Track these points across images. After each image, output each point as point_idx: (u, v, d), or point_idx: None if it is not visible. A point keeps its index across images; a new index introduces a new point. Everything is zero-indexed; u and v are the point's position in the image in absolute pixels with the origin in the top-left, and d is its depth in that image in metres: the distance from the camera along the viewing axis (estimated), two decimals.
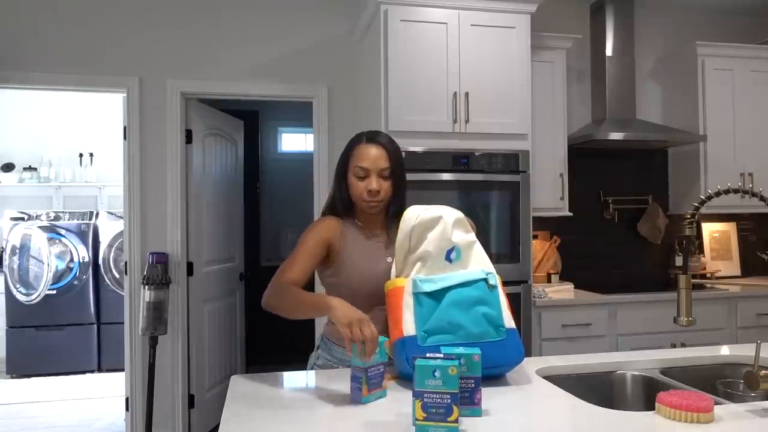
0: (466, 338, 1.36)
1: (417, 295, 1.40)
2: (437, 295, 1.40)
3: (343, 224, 1.62)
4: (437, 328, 1.36)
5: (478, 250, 1.51)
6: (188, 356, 3.27)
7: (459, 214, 1.51)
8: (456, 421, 1.06)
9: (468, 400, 1.16)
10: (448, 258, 1.45)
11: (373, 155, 1.54)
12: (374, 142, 1.57)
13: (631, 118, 3.47)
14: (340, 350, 1.60)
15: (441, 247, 1.45)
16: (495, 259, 1.58)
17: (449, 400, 1.06)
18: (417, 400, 1.07)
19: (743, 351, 1.70)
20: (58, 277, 4.72)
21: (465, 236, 1.49)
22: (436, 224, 1.45)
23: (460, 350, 1.10)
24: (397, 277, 1.48)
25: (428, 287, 1.40)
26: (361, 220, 1.64)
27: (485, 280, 1.44)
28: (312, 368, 1.66)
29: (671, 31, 3.80)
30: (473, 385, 1.16)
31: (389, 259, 1.58)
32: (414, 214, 1.46)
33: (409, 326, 1.37)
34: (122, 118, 3.19)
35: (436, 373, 1.06)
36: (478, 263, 1.49)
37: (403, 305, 1.40)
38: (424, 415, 1.06)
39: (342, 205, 1.62)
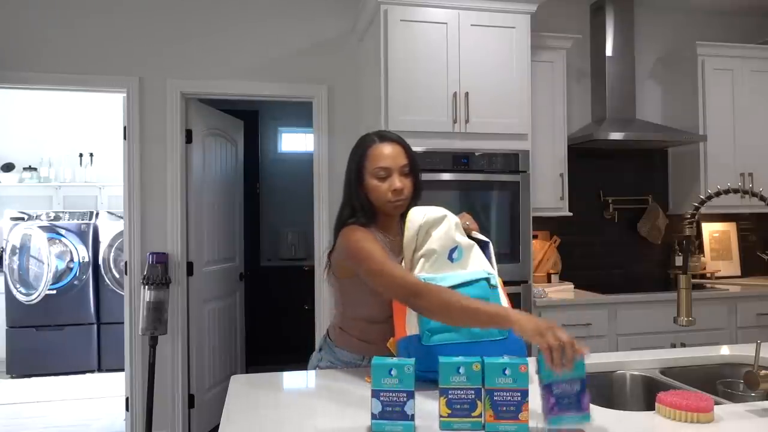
0: (468, 337, 1.36)
1: None
2: None
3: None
4: (440, 327, 1.36)
5: (478, 252, 1.52)
6: (188, 356, 3.27)
7: (458, 219, 1.53)
8: (480, 416, 1.08)
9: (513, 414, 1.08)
10: (450, 257, 1.45)
11: (392, 153, 1.48)
12: (388, 140, 1.51)
13: (631, 118, 3.47)
14: (346, 353, 1.57)
15: (445, 246, 1.45)
16: (495, 258, 1.58)
17: (473, 396, 1.08)
18: (442, 397, 1.09)
19: (743, 351, 1.70)
20: (58, 277, 4.72)
21: (464, 239, 1.51)
22: (441, 222, 1.47)
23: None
24: None
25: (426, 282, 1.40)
26: (380, 226, 1.56)
27: (487, 279, 1.44)
28: (314, 369, 1.65)
29: (671, 31, 3.80)
30: (519, 398, 1.08)
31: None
32: (420, 213, 1.47)
33: (412, 325, 1.37)
34: (122, 118, 3.18)
35: (461, 370, 1.08)
36: (479, 265, 1.49)
37: None
38: (449, 411, 1.08)
39: (363, 212, 1.50)
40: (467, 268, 1.47)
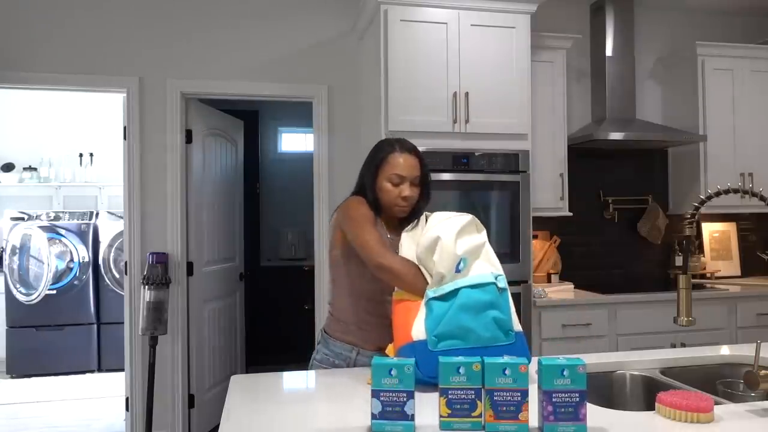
0: (476, 343, 1.35)
1: (426, 303, 1.40)
2: (446, 298, 1.39)
3: None
4: (447, 332, 1.35)
5: (488, 251, 1.50)
6: (188, 356, 3.27)
7: (464, 221, 1.47)
8: (480, 416, 1.08)
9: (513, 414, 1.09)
10: (457, 269, 1.44)
11: (409, 164, 1.64)
12: (408, 151, 1.66)
13: (631, 118, 3.47)
14: (338, 345, 1.63)
15: (450, 265, 1.42)
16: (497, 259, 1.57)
17: (473, 396, 1.08)
18: (442, 397, 1.08)
19: (743, 351, 1.70)
20: (58, 277, 4.72)
21: (471, 241, 1.46)
22: (435, 246, 1.43)
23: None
24: None
25: (435, 292, 1.40)
26: (383, 221, 1.69)
27: (495, 283, 1.43)
28: (311, 363, 1.68)
29: (671, 31, 3.80)
30: (519, 398, 1.08)
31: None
32: (413, 249, 1.49)
33: (418, 331, 1.37)
34: (122, 118, 3.19)
35: (461, 370, 1.08)
36: (487, 262, 1.48)
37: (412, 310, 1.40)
38: (449, 411, 1.08)
39: (373, 206, 1.65)
40: (471, 269, 1.46)
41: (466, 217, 1.50)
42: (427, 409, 1.16)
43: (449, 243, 1.43)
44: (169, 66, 3.19)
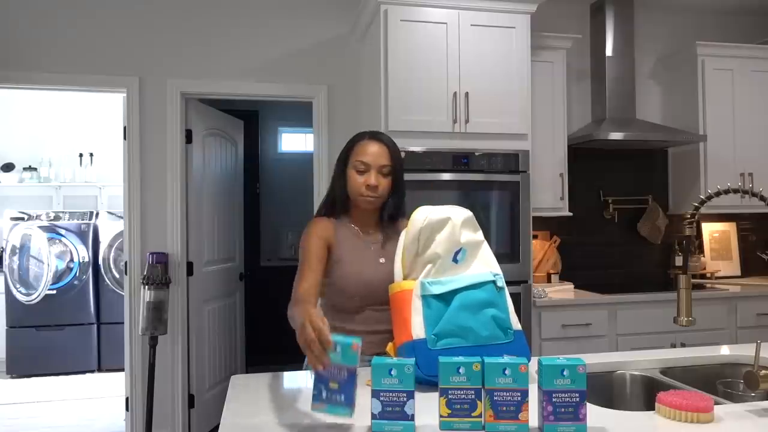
0: (475, 341, 1.35)
1: (425, 298, 1.39)
2: (446, 298, 1.39)
3: (336, 225, 1.64)
4: (447, 331, 1.35)
5: (486, 250, 1.51)
6: (188, 356, 3.27)
7: (467, 214, 1.49)
8: (480, 416, 1.08)
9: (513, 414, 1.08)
10: (454, 259, 1.44)
11: (374, 151, 1.58)
12: (376, 140, 1.60)
13: (631, 118, 3.47)
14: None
15: (449, 249, 1.43)
16: (495, 259, 1.57)
17: (473, 396, 1.08)
18: (442, 397, 1.08)
19: (743, 351, 1.70)
20: (58, 277, 4.72)
21: (473, 236, 1.48)
22: (445, 225, 1.43)
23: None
24: (404, 279, 1.46)
25: (437, 290, 1.39)
26: (355, 219, 1.66)
27: (494, 282, 1.43)
28: (306, 366, 1.67)
29: (671, 31, 3.80)
30: (519, 398, 1.08)
31: (382, 260, 1.58)
32: (422, 216, 1.45)
33: (418, 329, 1.36)
34: (122, 118, 3.19)
35: (461, 370, 1.08)
36: (485, 264, 1.48)
37: (412, 308, 1.40)
38: (449, 411, 1.08)
39: (340, 201, 1.64)
40: (470, 267, 1.46)
41: (468, 211, 1.50)
42: (427, 409, 1.16)
43: (456, 228, 1.44)
44: (169, 66, 3.19)
